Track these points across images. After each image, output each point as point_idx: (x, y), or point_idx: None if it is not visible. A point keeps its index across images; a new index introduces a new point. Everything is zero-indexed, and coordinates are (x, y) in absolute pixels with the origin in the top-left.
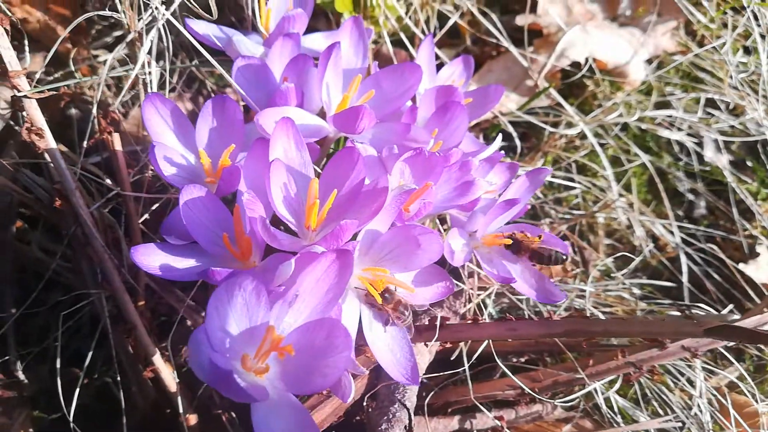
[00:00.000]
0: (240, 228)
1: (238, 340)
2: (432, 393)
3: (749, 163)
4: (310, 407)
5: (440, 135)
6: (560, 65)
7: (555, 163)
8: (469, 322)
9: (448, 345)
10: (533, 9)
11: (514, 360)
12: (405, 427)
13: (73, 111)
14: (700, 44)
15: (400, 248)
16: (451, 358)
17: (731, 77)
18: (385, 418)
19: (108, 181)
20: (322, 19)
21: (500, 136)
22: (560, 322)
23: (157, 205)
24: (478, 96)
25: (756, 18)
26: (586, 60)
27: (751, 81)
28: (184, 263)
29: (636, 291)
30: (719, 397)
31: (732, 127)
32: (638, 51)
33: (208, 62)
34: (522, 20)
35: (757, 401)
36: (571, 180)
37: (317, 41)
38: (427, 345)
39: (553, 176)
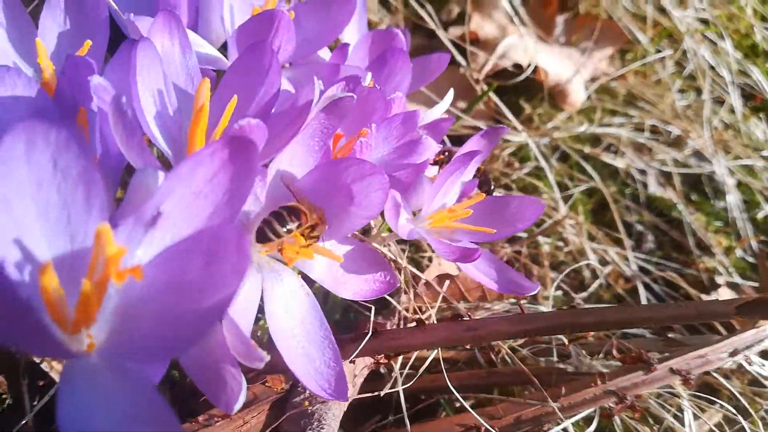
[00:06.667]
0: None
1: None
2: None
3: (693, 197)
4: None
5: None
6: (502, 65)
7: (496, 184)
8: (413, 325)
9: (379, 363)
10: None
11: (460, 399)
12: None
13: None
14: (637, 72)
15: (326, 201)
16: (381, 393)
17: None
18: None
19: None
20: None
21: (452, 91)
22: (539, 316)
23: None
24: (417, 65)
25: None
26: (528, 66)
27: (689, 108)
28: None
29: None
30: None
31: (676, 161)
32: (580, 70)
33: None
34: (456, 31)
35: None
36: None
37: None
38: (353, 363)
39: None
